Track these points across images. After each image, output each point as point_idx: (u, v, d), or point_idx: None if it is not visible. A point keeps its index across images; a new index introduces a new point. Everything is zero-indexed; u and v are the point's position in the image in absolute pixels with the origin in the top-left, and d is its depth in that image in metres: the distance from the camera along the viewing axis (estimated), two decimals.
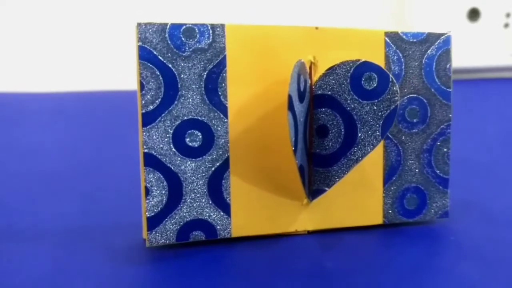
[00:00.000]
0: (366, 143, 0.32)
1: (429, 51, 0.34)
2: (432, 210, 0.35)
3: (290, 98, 0.29)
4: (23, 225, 0.35)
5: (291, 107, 0.29)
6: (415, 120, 0.35)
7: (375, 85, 0.31)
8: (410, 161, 0.35)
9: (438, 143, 0.35)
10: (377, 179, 0.34)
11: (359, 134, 0.32)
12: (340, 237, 0.34)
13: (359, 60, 0.32)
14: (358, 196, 0.34)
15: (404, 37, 0.34)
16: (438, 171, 0.35)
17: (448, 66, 0.35)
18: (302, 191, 0.33)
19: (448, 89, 0.35)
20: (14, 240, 0.32)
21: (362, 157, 0.32)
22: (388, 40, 0.34)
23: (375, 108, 0.32)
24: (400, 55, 0.34)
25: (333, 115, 0.33)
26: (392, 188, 0.35)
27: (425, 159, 0.35)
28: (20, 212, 0.37)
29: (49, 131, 0.65)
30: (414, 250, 0.32)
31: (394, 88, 0.31)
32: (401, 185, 0.35)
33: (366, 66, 0.31)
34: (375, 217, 0.34)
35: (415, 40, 0.34)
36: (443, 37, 0.35)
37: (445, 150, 0.35)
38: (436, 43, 0.35)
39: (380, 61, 0.34)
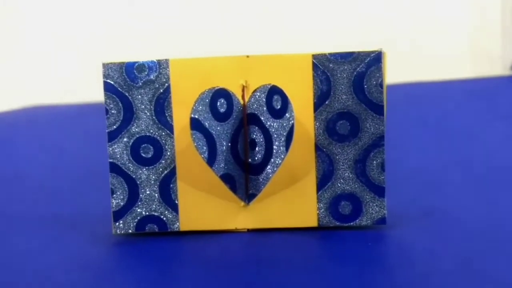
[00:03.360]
0: (278, 155, 0.37)
1: (358, 68, 0.37)
2: (368, 217, 0.38)
3: (194, 120, 0.35)
4: (27, 213, 0.47)
5: (196, 127, 0.36)
6: (345, 133, 0.38)
7: (279, 106, 0.36)
8: (343, 171, 0.38)
9: (372, 154, 0.38)
10: (310, 186, 0.38)
11: (274, 147, 0.37)
12: (273, 235, 0.39)
13: (269, 84, 0.37)
14: (293, 200, 0.39)
15: (332, 58, 0.38)
16: (372, 180, 0.38)
17: (380, 81, 0.37)
18: (241, 194, 0.39)
19: (380, 103, 0.37)
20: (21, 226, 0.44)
21: (277, 167, 0.37)
22: (316, 62, 0.38)
23: (281, 125, 0.36)
24: (328, 74, 0.38)
25: (258, 131, 0.38)
26: (325, 194, 0.38)
27: (358, 169, 0.38)
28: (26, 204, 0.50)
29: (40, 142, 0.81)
30: (324, 252, 0.36)
31: (290, 109, 0.35)
32: (335, 192, 0.38)
33: (274, 90, 0.36)
34: (310, 220, 0.39)
35: (343, 60, 0.38)
36: (373, 54, 0.37)
37: (379, 161, 0.38)
38: (365, 61, 0.37)
39: (308, 82, 0.38)
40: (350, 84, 0.37)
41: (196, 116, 0.36)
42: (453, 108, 0.86)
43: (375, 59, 0.37)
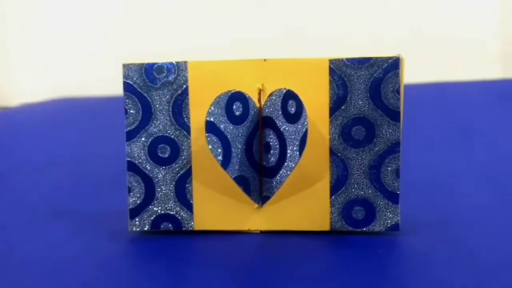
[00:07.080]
0: (291, 159, 0.37)
1: (375, 74, 0.37)
2: (381, 223, 0.38)
3: (209, 123, 0.36)
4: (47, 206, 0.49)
5: (212, 130, 0.36)
6: (361, 139, 0.38)
7: (294, 110, 0.36)
8: (357, 176, 0.38)
9: (387, 161, 0.38)
10: (324, 190, 0.39)
11: (288, 151, 0.37)
12: (286, 238, 0.39)
13: (285, 88, 0.37)
14: (306, 204, 0.39)
15: (349, 63, 0.38)
16: (387, 187, 0.38)
17: (397, 87, 0.37)
18: (254, 196, 0.39)
19: (396, 109, 0.37)
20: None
21: (290, 171, 0.37)
22: (333, 67, 0.38)
23: (295, 129, 0.36)
24: (345, 79, 0.38)
25: (273, 134, 0.38)
26: (339, 199, 0.38)
27: (373, 174, 0.38)
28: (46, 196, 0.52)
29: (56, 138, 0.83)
30: (333, 257, 0.36)
31: (305, 114, 0.35)
32: (348, 197, 0.38)
33: (289, 94, 0.37)
34: (322, 224, 0.39)
35: (360, 65, 0.37)
36: (391, 60, 0.37)
37: (394, 167, 0.38)
38: (383, 66, 0.37)
39: (325, 86, 0.38)
40: (367, 90, 0.37)
41: (212, 119, 0.36)
42: (480, 110, 0.84)
43: (393, 65, 0.37)
